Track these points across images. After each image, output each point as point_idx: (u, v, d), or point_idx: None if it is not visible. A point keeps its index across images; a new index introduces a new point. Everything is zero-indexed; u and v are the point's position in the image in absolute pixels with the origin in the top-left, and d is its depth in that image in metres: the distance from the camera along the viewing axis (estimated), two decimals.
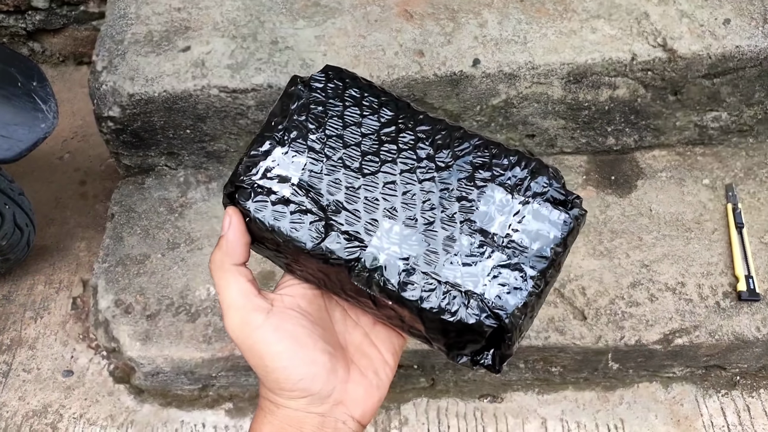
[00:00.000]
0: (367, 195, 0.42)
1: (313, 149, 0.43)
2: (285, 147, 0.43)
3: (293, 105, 0.44)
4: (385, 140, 0.43)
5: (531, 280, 0.39)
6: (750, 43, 1.00)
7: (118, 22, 1.09)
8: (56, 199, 1.27)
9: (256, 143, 0.44)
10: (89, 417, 1.03)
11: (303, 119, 0.44)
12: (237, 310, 0.41)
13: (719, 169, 1.11)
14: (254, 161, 0.43)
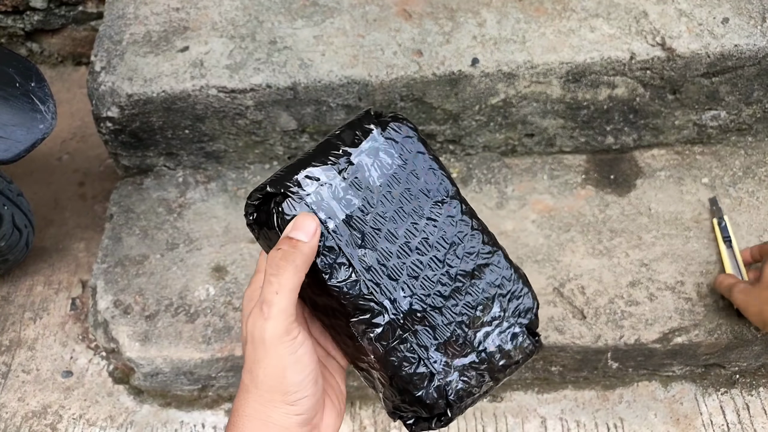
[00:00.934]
0: (396, 263, 0.44)
1: (369, 196, 0.44)
2: (344, 181, 0.43)
3: (366, 143, 0.44)
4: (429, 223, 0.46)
5: (485, 387, 0.46)
6: (749, 42, 1.00)
7: (116, 22, 1.09)
8: (55, 200, 1.27)
9: (313, 160, 0.43)
10: (89, 417, 1.02)
11: (371, 162, 0.44)
12: (288, 315, 0.40)
13: (718, 168, 1.11)
14: (310, 178, 0.43)
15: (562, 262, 1.01)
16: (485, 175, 1.11)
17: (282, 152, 1.12)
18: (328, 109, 1.04)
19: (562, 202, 1.08)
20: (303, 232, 0.41)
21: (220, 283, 1.01)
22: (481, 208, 1.07)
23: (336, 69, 1.01)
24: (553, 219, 1.06)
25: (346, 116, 1.05)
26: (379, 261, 0.44)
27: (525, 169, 1.12)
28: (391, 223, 0.44)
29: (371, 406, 1.03)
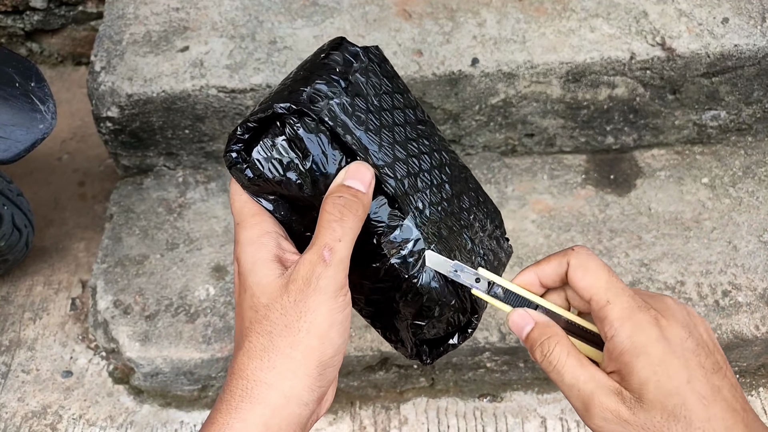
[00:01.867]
0: (411, 177, 0.44)
1: (373, 112, 0.43)
2: (349, 98, 0.42)
3: (357, 64, 0.44)
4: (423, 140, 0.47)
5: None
6: (748, 41, 1.00)
7: (116, 22, 1.09)
8: (55, 200, 1.27)
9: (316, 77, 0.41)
10: (89, 418, 1.02)
11: (365, 81, 0.43)
12: (345, 267, 0.37)
13: (718, 168, 1.11)
14: (317, 95, 0.40)
15: None
16: (485, 175, 1.11)
17: None
18: None
19: (562, 202, 1.08)
20: (361, 182, 0.38)
21: (220, 283, 1.01)
22: None
23: None
24: (553, 219, 1.06)
25: None
26: (398, 174, 0.43)
27: (525, 169, 1.12)
28: (397, 137, 0.44)
29: (371, 406, 1.03)
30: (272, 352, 0.36)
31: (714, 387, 0.35)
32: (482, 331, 0.94)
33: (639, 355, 0.35)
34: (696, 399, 0.35)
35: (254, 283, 0.38)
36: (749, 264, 0.99)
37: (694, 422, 0.34)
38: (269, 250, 0.39)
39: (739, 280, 0.98)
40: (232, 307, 0.98)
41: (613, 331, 0.36)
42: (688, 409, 0.35)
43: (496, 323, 0.95)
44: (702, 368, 0.36)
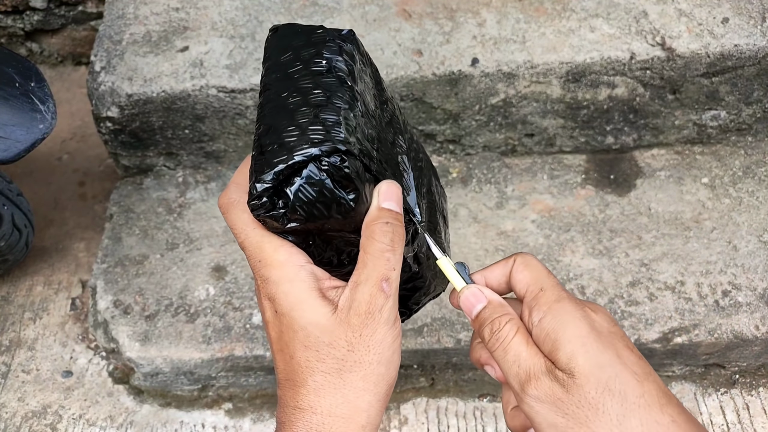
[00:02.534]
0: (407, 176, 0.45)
1: (374, 119, 0.42)
2: (361, 115, 0.40)
3: (355, 66, 0.41)
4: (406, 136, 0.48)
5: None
6: (748, 41, 1.00)
7: (116, 22, 1.09)
8: (55, 200, 1.27)
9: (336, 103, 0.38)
10: (89, 417, 1.02)
11: (362, 88, 0.42)
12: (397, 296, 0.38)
13: (718, 168, 1.11)
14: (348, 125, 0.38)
15: (562, 262, 1.01)
16: (485, 174, 1.11)
17: None
18: None
19: (562, 202, 1.08)
20: (396, 202, 0.38)
21: (220, 283, 1.01)
22: (481, 208, 1.07)
23: None
24: (553, 219, 1.06)
25: None
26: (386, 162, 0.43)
27: (525, 169, 1.12)
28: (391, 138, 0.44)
29: None
30: (344, 388, 0.37)
31: (644, 367, 0.36)
32: None
33: (565, 330, 0.36)
34: (629, 374, 0.34)
35: (309, 324, 0.37)
36: (749, 264, 0.99)
37: (629, 397, 0.34)
38: (312, 286, 0.38)
39: (739, 280, 0.98)
40: (232, 307, 0.98)
41: (541, 314, 0.37)
42: (622, 382, 0.34)
43: None
44: (629, 350, 0.36)
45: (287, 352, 0.38)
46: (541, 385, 0.36)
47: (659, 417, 0.34)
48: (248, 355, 0.95)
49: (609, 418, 0.34)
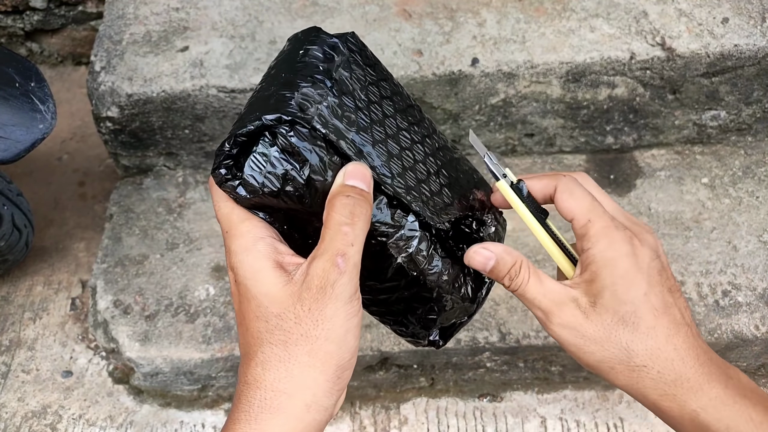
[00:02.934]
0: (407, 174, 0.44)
1: (361, 109, 0.42)
2: (336, 98, 0.40)
3: (338, 57, 0.42)
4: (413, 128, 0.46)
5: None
6: (748, 41, 1.00)
7: (116, 22, 1.09)
8: (55, 200, 1.27)
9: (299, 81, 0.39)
10: (88, 417, 1.02)
11: (348, 75, 0.42)
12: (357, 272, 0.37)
13: (718, 168, 1.11)
14: (306, 100, 0.38)
15: None
16: (485, 175, 1.11)
17: None
18: None
19: None
20: (362, 181, 0.38)
21: (220, 283, 1.01)
22: None
23: None
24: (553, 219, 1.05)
25: None
26: (394, 171, 0.42)
27: (525, 169, 1.12)
28: (389, 131, 0.43)
29: (371, 406, 1.03)
30: (289, 361, 0.36)
31: (667, 303, 0.39)
32: (482, 330, 0.94)
33: (606, 266, 0.39)
34: (648, 309, 0.39)
35: (260, 293, 0.37)
36: (749, 264, 0.99)
37: (640, 328, 0.38)
38: (268, 256, 0.38)
39: (738, 280, 0.98)
40: (232, 307, 0.98)
41: (589, 244, 0.41)
42: (638, 316, 0.39)
43: (495, 323, 0.95)
44: (661, 285, 0.40)
45: (244, 324, 0.38)
46: (564, 311, 0.40)
47: (663, 345, 0.38)
48: None
49: (618, 342, 0.39)
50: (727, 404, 0.38)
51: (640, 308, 0.39)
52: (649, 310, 0.39)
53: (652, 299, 0.39)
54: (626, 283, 0.39)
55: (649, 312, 0.39)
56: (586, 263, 0.41)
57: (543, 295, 0.41)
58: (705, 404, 0.38)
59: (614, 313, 0.39)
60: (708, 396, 0.38)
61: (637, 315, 0.39)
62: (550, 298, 0.41)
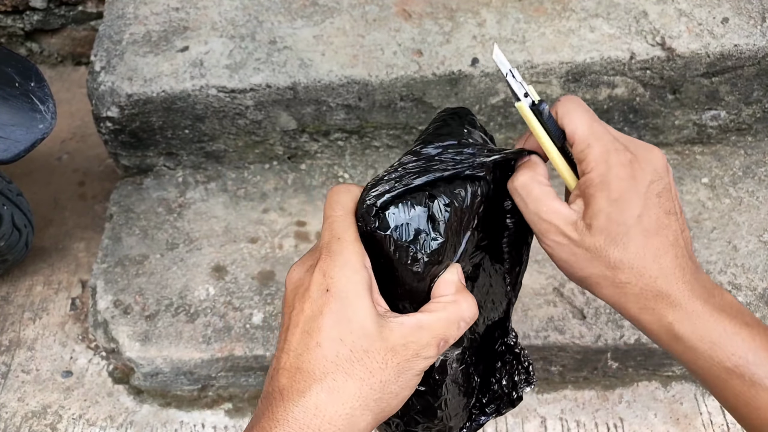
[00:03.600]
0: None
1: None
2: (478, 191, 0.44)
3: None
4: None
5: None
6: (748, 41, 1.00)
7: (116, 22, 1.09)
8: (55, 200, 1.27)
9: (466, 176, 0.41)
10: (89, 417, 1.02)
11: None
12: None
13: (718, 168, 1.11)
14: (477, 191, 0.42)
15: None
16: None
17: (282, 152, 1.12)
18: (328, 109, 1.04)
19: None
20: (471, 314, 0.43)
21: (220, 283, 1.01)
22: None
23: (336, 69, 1.01)
24: None
25: (346, 116, 1.05)
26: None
27: None
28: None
29: None
30: (357, 401, 0.35)
31: (661, 224, 0.40)
32: None
33: (603, 189, 0.40)
34: (639, 231, 0.39)
35: (355, 319, 0.36)
36: (749, 264, 0.99)
37: (630, 247, 0.39)
38: (368, 287, 0.37)
39: (739, 280, 0.98)
40: (232, 307, 0.98)
41: (589, 169, 0.41)
42: (628, 237, 0.39)
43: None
44: (658, 207, 0.40)
45: (315, 338, 0.36)
46: (560, 230, 0.41)
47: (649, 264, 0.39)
48: (248, 355, 0.95)
49: (607, 260, 0.40)
50: (703, 317, 0.38)
51: (631, 230, 0.39)
52: (640, 231, 0.39)
53: (644, 221, 0.39)
54: (621, 206, 0.39)
55: (639, 233, 0.39)
56: (583, 186, 0.41)
57: (545, 212, 0.41)
58: (681, 317, 0.38)
59: (607, 235, 0.40)
60: (686, 310, 0.38)
61: (628, 236, 0.39)
62: (551, 216, 0.41)
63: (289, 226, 1.06)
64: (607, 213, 0.39)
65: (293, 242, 1.05)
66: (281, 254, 1.03)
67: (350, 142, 1.10)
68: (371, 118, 1.06)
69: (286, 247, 1.04)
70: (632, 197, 0.39)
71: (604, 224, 0.40)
